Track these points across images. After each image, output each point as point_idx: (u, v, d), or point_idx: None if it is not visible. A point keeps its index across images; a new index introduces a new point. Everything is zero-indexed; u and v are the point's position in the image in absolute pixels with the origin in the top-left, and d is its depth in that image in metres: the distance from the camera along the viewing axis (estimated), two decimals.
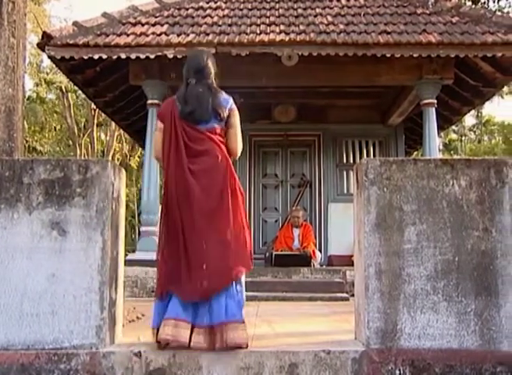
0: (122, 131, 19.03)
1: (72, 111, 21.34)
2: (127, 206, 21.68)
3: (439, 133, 10.58)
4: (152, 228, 7.52)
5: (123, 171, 3.47)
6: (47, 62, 21.64)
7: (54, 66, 8.14)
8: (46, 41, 6.93)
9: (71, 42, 6.95)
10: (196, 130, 3.30)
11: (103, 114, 13.30)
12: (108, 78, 8.37)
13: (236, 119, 3.47)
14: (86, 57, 7.02)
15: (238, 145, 3.48)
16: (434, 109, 7.77)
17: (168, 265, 3.19)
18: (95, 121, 20.94)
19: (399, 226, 3.07)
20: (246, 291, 3.36)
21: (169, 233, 3.22)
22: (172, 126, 3.29)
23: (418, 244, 3.05)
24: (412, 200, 3.10)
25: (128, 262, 6.61)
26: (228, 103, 3.48)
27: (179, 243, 3.15)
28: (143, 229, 7.72)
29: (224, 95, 3.51)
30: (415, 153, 14.19)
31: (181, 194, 3.17)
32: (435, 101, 7.76)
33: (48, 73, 22.00)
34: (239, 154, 3.53)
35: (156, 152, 3.45)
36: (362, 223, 3.11)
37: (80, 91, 13.18)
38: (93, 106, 18.01)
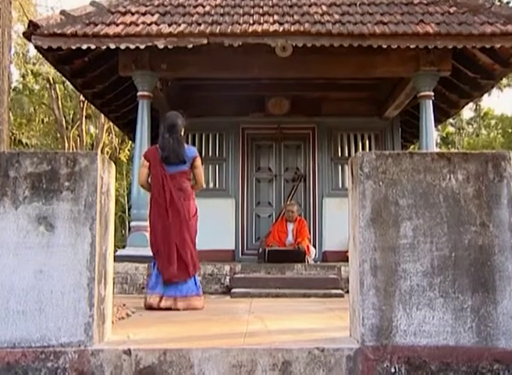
0: (111, 124, 18.97)
1: (59, 103, 21.23)
2: (117, 201, 21.67)
3: (436, 127, 10.65)
4: (143, 223, 7.51)
5: (113, 165, 3.46)
6: (33, 53, 21.50)
7: (41, 56, 8.09)
8: (32, 30, 6.88)
9: (58, 32, 6.91)
10: (171, 169, 5.25)
11: (92, 106, 13.25)
12: (96, 69, 8.33)
13: (198, 162, 5.38)
14: (74, 47, 6.97)
15: (202, 181, 5.45)
16: (431, 102, 7.79)
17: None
18: (84, 113, 20.85)
19: (394, 221, 3.07)
20: (238, 287, 4.81)
21: (155, 234, 5.25)
22: (156, 165, 5.26)
23: (414, 239, 3.06)
24: (408, 194, 3.10)
25: (118, 258, 6.61)
26: (191, 153, 5.36)
27: (160, 244, 5.22)
28: (133, 224, 7.71)
29: (189, 147, 5.47)
30: (412, 147, 14.23)
31: (163, 211, 5.19)
32: (433, 93, 7.78)
33: (34, 64, 21.85)
34: (203, 186, 5.56)
35: (141, 182, 5.41)
36: (357, 218, 3.12)
37: (68, 82, 13.11)
38: (81, 98, 17.94)
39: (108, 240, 3.31)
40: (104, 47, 7.04)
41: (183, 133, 5.39)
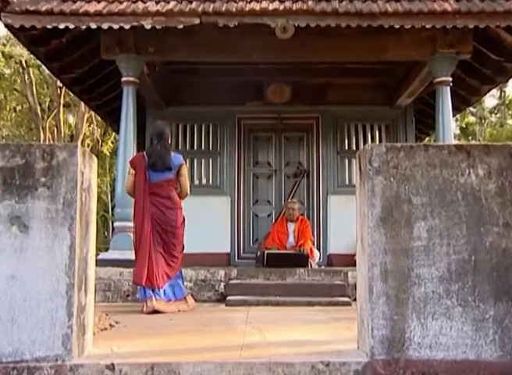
0: (92, 113, 18.93)
1: (34, 89, 21.14)
2: (99, 198, 21.62)
3: (454, 116, 10.67)
4: (128, 223, 7.50)
5: (94, 158, 3.45)
6: (3, 32, 21.43)
7: (12, 36, 8.06)
8: (2, 6, 6.84)
9: (32, 9, 6.87)
10: (157, 176, 5.91)
11: (70, 93, 13.20)
12: (75, 51, 8.30)
13: (184, 170, 6.06)
14: (50, 26, 6.95)
15: (187, 189, 6.08)
16: (449, 88, 7.78)
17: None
18: (61, 101, 20.77)
19: (407, 221, 3.07)
20: (234, 294, 5.22)
21: (140, 244, 5.85)
22: (141, 173, 5.90)
23: (429, 241, 3.06)
24: (422, 191, 3.10)
25: (100, 262, 6.61)
26: (178, 160, 6.03)
27: (146, 252, 5.83)
28: (117, 224, 7.71)
29: (175, 154, 6.13)
30: (427, 139, 14.24)
31: (147, 220, 5.83)
32: (451, 78, 7.77)
33: (5, 45, 21.72)
34: (188, 194, 6.14)
35: (128, 190, 6.08)
36: (366, 218, 3.12)
37: (43, 66, 13.07)
38: (59, 84, 17.87)
39: (89, 242, 3.31)
40: (83, 27, 7.01)
41: (170, 142, 6.19)
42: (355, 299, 3.81)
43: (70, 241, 3.03)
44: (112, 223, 13.88)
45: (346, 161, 9.86)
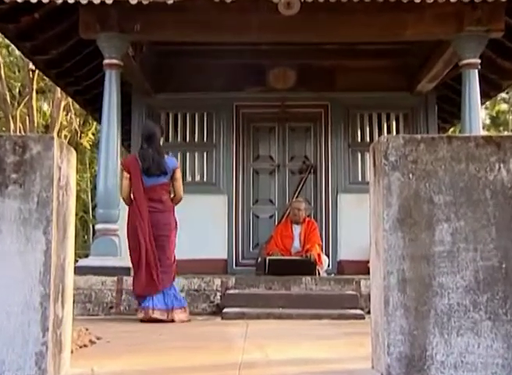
0: (70, 100, 18.89)
1: (2, 72, 21.10)
2: (78, 198, 21.65)
3: (483, 104, 10.64)
4: (111, 226, 7.51)
5: (73, 152, 3.45)
6: None
7: None
8: None
9: None
10: (151, 180, 6.33)
11: (45, 77, 13.20)
12: (50, 29, 8.28)
13: (179, 174, 6.51)
14: (20, 0, 6.93)
15: (181, 193, 6.49)
16: (477, 72, 7.77)
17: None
18: (34, 86, 20.73)
19: (428, 223, 3.07)
20: (232, 306, 5.53)
21: (134, 252, 6.30)
22: (137, 177, 6.31)
23: (454, 245, 3.06)
24: (446, 189, 3.10)
25: (79, 270, 6.61)
26: (172, 164, 6.48)
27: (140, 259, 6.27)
28: (99, 227, 7.71)
29: (169, 158, 6.70)
30: (451, 129, 14.23)
31: (142, 225, 6.24)
32: (479, 60, 7.75)
33: None
34: (182, 199, 6.50)
35: (124, 195, 6.48)
36: (381, 219, 3.11)
37: (13, 46, 13.05)
38: (31, 66, 17.82)
39: (67, 247, 3.31)
40: (59, 1, 7.00)
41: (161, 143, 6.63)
42: (369, 312, 3.81)
43: (45, 246, 3.03)
44: (93, 226, 13.88)
45: (359, 155, 9.86)
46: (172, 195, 6.51)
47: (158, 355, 4.05)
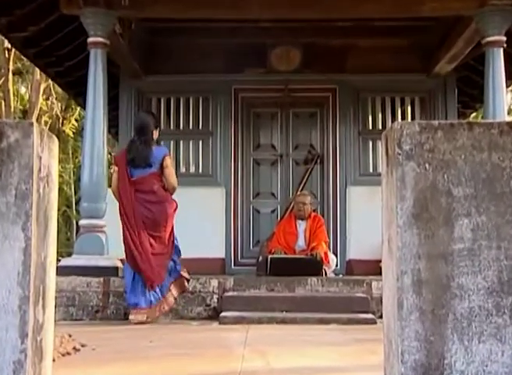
0: (51, 83, 18.87)
1: None
2: (60, 190, 21.67)
3: (508, 86, 10.59)
4: (96, 221, 7.52)
5: (55, 140, 3.44)
6: None
7: None
8: None
9: None
10: (138, 172, 6.71)
11: (22, 57, 13.18)
12: (28, 3, 8.26)
13: (168, 161, 6.82)
14: None
15: (172, 181, 6.77)
16: (502, 51, 7.75)
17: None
18: (10, 67, 20.69)
19: (446, 218, 3.07)
20: (230, 309, 5.71)
21: (132, 248, 6.58)
22: (122, 170, 6.75)
23: (475, 243, 3.06)
24: (466, 181, 3.10)
25: (62, 270, 6.62)
26: (160, 153, 6.81)
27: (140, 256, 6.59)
28: (83, 222, 7.72)
29: (158, 147, 7.04)
30: (473, 115, 14.23)
31: (131, 217, 6.61)
32: (504, 38, 7.73)
33: None
34: (175, 187, 6.80)
35: (113, 188, 6.86)
36: (394, 214, 3.11)
37: None
38: (6, 45, 17.79)
39: (48, 244, 3.31)
40: None
41: (156, 134, 6.96)
42: (381, 316, 3.82)
43: (24, 243, 3.03)
44: (77, 222, 13.90)
45: (370, 143, 9.87)
46: (164, 184, 6.78)
47: (148, 363, 4.06)
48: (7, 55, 20.04)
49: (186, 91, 9.88)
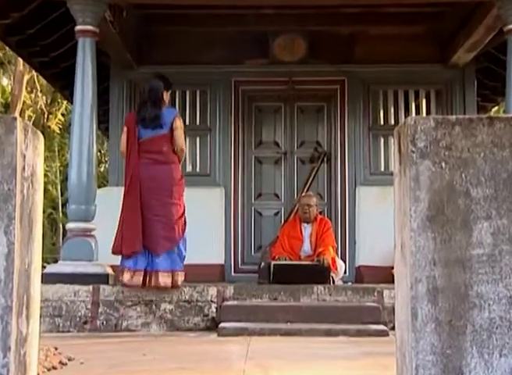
0: (35, 74, 18.88)
1: None
2: (46, 191, 21.67)
3: None
4: (85, 225, 7.51)
5: (40, 136, 3.45)
6: None
7: None
8: None
9: None
10: (148, 133, 7.15)
11: (4, 46, 13.18)
12: None
13: (178, 123, 7.24)
14: None
15: (180, 143, 7.22)
16: None
17: None
18: None
19: (464, 221, 3.07)
20: (230, 320, 5.87)
21: (127, 207, 7.05)
22: (132, 130, 7.19)
23: (495, 248, 3.06)
24: (486, 181, 3.10)
25: (47, 278, 6.62)
26: (171, 114, 7.31)
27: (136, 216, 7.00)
28: (70, 226, 7.71)
29: (169, 109, 7.51)
30: (494, 109, 14.21)
31: (137, 179, 7.02)
32: None
33: None
34: (183, 149, 7.33)
35: (120, 148, 7.39)
36: (407, 217, 3.12)
37: None
38: None
39: (33, 250, 3.31)
40: None
41: (167, 97, 7.43)
42: (393, 327, 3.82)
43: (7, 248, 3.04)
44: (63, 225, 13.88)
45: (381, 140, 9.87)
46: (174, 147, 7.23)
47: None
48: None
49: (183, 84, 9.87)
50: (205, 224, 9.23)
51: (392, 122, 9.78)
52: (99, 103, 8.30)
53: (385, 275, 7.30)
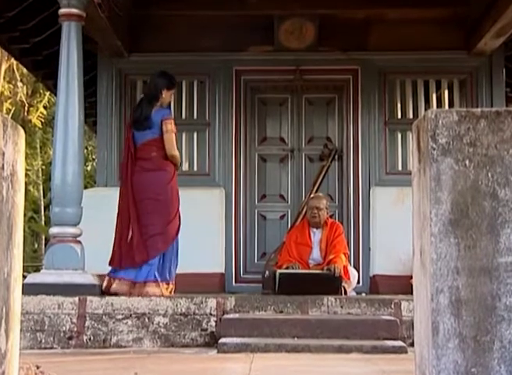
0: (14, 62, 18.91)
1: None
2: (26, 192, 21.69)
3: None
4: (70, 229, 7.51)
5: (21, 131, 3.46)
6: None
7: None
8: None
9: None
10: (142, 136, 7.36)
11: None
12: None
13: (168, 126, 7.30)
14: None
15: (170, 148, 7.32)
16: None
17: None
18: None
19: (491, 226, 3.07)
20: (231, 335, 6.09)
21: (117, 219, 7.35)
22: (128, 134, 7.48)
23: None
24: None
25: (28, 288, 6.62)
26: (159, 116, 7.30)
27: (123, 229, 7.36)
28: (54, 231, 7.71)
29: (159, 109, 7.43)
30: None
31: (127, 189, 7.31)
32: None
33: None
34: (173, 154, 7.40)
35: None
36: (427, 221, 3.12)
37: None
38: None
39: (12, 257, 3.32)
40: None
41: (167, 96, 7.59)
42: (412, 343, 3.83)
43: None
44: (46, 230, 13.89)
45: (399, 136, 9.87)
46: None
47: None
48: None
49: (178, 73, 9.83)
50: (204, 229, 9.25)
51: (411, 115, 9.78)
52: (86, 95, 8.32)
53: (403, 285, 7.31)
